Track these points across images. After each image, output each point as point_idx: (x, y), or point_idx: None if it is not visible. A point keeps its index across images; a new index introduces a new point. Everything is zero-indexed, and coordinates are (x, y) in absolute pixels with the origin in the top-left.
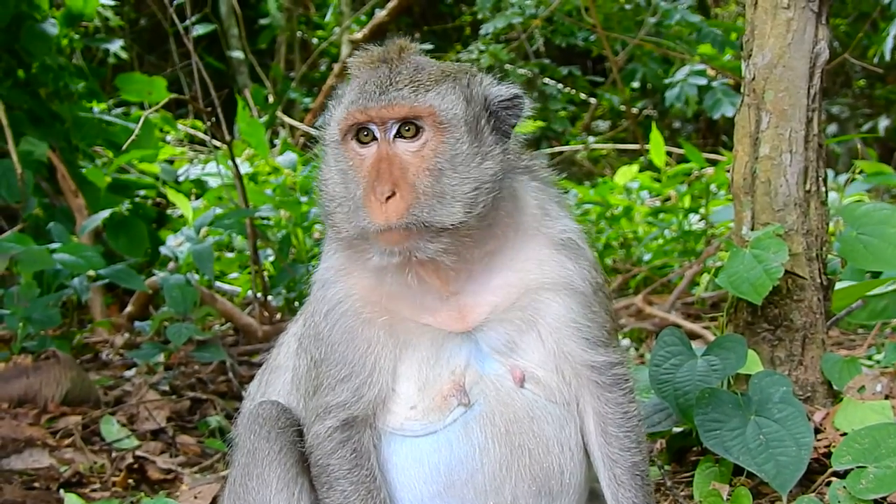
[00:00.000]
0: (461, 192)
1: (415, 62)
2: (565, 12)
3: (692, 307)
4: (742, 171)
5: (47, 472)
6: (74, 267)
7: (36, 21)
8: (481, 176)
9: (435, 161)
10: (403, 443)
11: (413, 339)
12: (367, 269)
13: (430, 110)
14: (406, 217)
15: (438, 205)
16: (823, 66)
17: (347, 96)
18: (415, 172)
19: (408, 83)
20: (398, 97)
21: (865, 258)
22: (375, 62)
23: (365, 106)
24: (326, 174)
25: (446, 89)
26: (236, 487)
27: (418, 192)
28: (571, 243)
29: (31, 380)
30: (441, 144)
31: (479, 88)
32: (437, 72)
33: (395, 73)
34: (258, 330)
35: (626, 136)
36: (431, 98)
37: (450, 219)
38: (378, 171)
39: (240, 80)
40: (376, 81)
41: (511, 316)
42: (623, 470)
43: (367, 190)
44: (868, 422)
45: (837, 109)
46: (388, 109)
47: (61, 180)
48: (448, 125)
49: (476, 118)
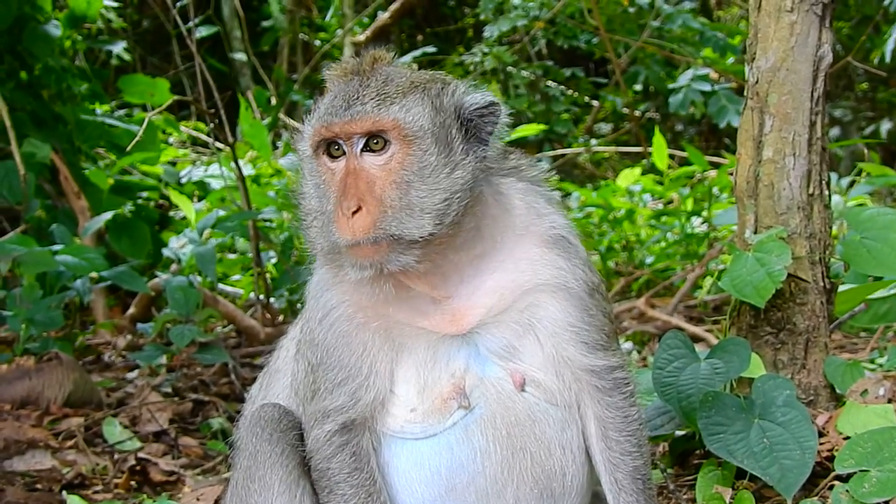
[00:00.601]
0: (430, 204)
1: (385, 74)
2: (568, 15)
3: (695, 310)
4: (745, 175)
5: (49, 474)
6: (77, 269)
7: (39, 23)
8: (451, 186)
9: (402, 174)
10: (404, 446)
11: (409, 342)
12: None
13: (394, 123)
14: (373, 232)
15: (407, 217)
16: (827, 70)
17: (317, 111)
18: (382, 186)
19: (373, 97)
20: (361, 112)
21: (868, 262)
22: (348, 74)
23: (329, 121)
24: (303, 188)
25: (412, 101)
26: (238, 490)
27: (385, 205)
28: (562, 240)
29: (33, 381)
30: (408, 157)
31: (451, 98)
32: (405, 83)
33: (363, 86)
34: (260, 332)
35: (628, 139)
36: (395, 111)
37: (419, 231)
38: (345, 185)
39: (242, 82)
40: (343, 96)
41: (507, 319)
42: (624, 474)
43: (335, 205)
44: (871, 425)
45: (840, 113)
46: (351, 124)
47: (64, 182)
48: (414, 137)
49: (445, 128)
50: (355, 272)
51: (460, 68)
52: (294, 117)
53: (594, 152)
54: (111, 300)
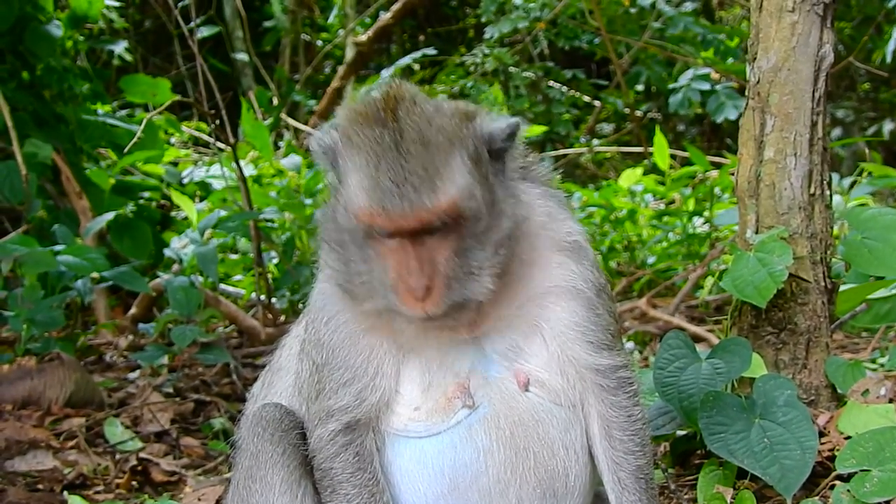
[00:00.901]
0: (487, 262)
1: (415, 128)
2: (569, 15)
3: (696, 310)
4: (746, 175)
5: (51, 474)
6: (78, 269)
7: (40, 23)
8: (499, 237)
9: (460, 244)
10: (407, 444)
11: (417, 345)
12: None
13: (447, 210)
14: (442, 306)
15: (468, 282)
16: (828, 70)
17: (358, 190)
18: (443, 261)
19: (419, 180)
20: (417, 204)
21: (870, 262)
22: (371, 123)
23: (387, 214)
24: (338, 238)
25: (458, 170)
26: (240, 490)
27: (449, 279)
28: (576, 245)
29: (34, 382)
30: (464, 228)
31: (481, 138)
32: (443, 143)
33: (404, 156)
34: (262, 332)
35: (630, 139)
36: (451, 192)
37: (482, 293)
38: (408, 268)
39: (244, 82)
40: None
41: (516, 321)
42: (627, 473)
43: (399, 285)
44: (872, 425)
45: (842, 113)
46: (409, 220)
47: (65, 182)
48: (469, 209)
49: (485, 177)
50: (406, 323)
51: (461, 69)
52: (296, 117)
53: (596, 152)
54: (113, 300)
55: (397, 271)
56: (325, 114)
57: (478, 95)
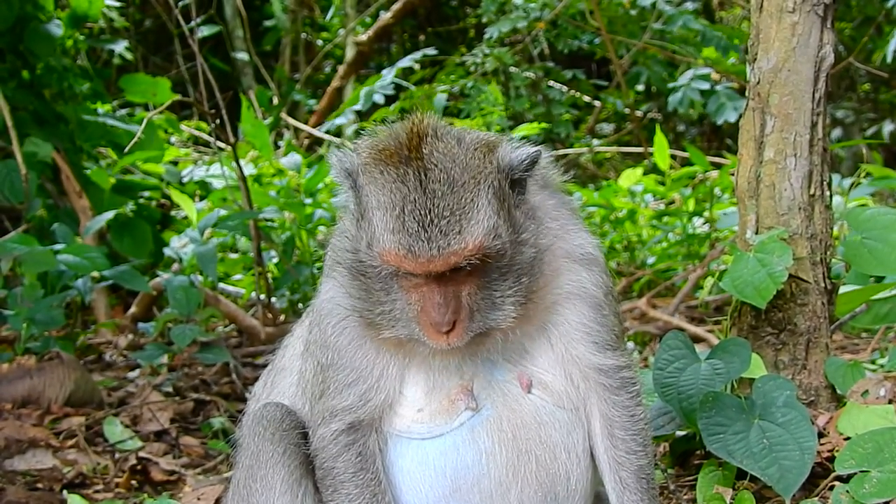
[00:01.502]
0: (510, 293)
1: (440, 167)
2: (570, 16)
3: (696, 311)
4: (746, 175)
5: (50, 473)
6: (78, 268)
7: (41, 22)
8: (521, 268)
9: (483, 280)
10: (409, 445)
11: (422, 348)
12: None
13: (474, 251)
14: (465, 337)
15: (491, 313)
16: (828, 71)
17: (383, 232)
18: (467, 296)
19: (446, 225)
20: (446, 249)
21: (869, 263)
22: (395, 161)
23: (414, 259)
24: (359, 267)
25: (485, 211)
26: (240, 489)
27: (473, 311)
28: (589, 257)
29: (34, 381)
30: (488, 265)
31: (503, 169)
32: (469, 183)
33: (430, 199)
34: (261, 332)
35: (630, 139)
36: (477, 234)
37: (505, 322)
38: (433, 303)
39: (244, 81)
40: (414, 217)
41: (524, 326)
42: (629, 473)
43: (424, 319)
44: (871, 426)
45: (842, 114)
46: (437, 263)
47: (65, 181)
48: (494, 248)
49: (508, 212)
50: (429, 351)
51: (461, 69)
52: (296, 117)
53: (596, 153)
54: (112, 299)
55: (422, 307)
56: (325, 113)
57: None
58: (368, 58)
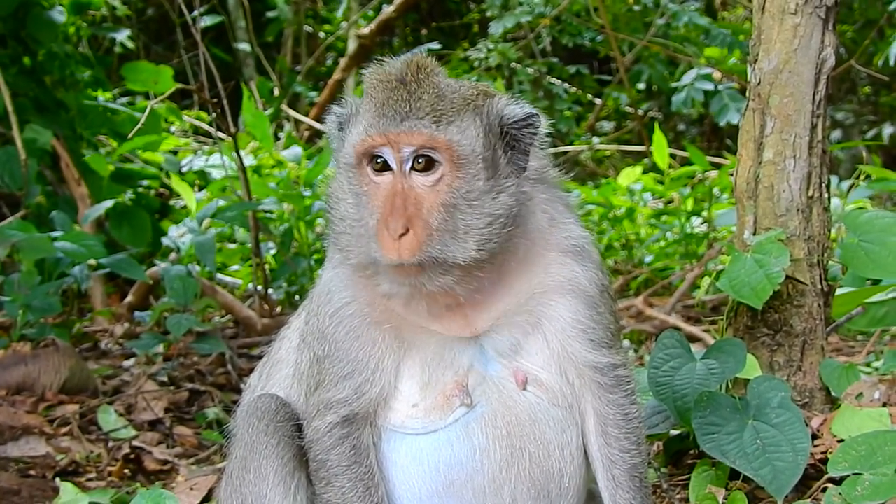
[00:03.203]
0: (475, 228)
1: (435, 86)
2: (574, 12)
3: (692, 310)
4: (745, 176)
5: (43, 461)
6: (76, 255)
7: (43, 8)
8: (496, 211)
9: (449, 197)
10: (404, 440)
11: (418, 341)
12: (371, 281)
13: (448, 144)
14: (418, 255)
15: (451, 241)
16: (829, 73)
17: (364, 117)
18: (429, 208)
19: (429, 111)
20: (417, 125)
21: (866, 265)
22: (392, 82)
23: (385, 130)
24: (338, 193)
25: (467, 122)
26: (233, 480)
27: (431, 228)
28: (579, 249)
29: (29, 367)
30: (457, 180)
31: (496, 113)
32: (458, 100)
33: (415, 97)
34: (258, 323)
35: (630, 138)
36: (452, 132)
37: (462, 255)
38: (392, 205)
39: (246, 72)
40: (395, 106)
41: (517, 319)
42: (622, 471)
43: (380, 224)
44: (865, 429)
45: (842, 116)
46: (406, 136)
47: (65, 169)
48: (465, 161)
49: (493, 150)
50: (392, 287)
51: (465, 64)
52: (297, 109)
53: (596, 150)
54: (109, 288)
55: (381, 209)
56: (326, 106)
57: None
58: (370, 51)
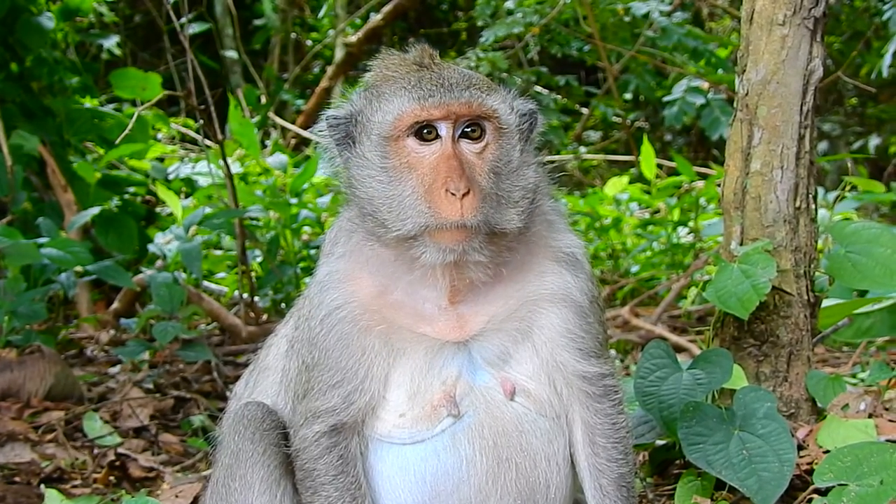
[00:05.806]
0: (514, 198)
1: (454, 69)
2: (562, 21)
3: (679, 320)
4: (732, 186)
5: (28, 467)
6: (62, 262)
7: (32, 14)
8: (527, 185)
9: (494, 164)
10: (390, 450)
11: (408, 347)
12: (372, 275)
13: (495, 112)
14: (478, 215)
15: (501, 207)
16: (817, 84)
17: (396, 97)
18: (479, 171)
19: (474, 83)
20: (470, 96)
21: (853, 276)
22: (412, 66)
23: (442, 100)
24: (366, 173)
25: (503, 96)
26: (219, 488)
27: (485, 192)
28: (573, 258)
29: (14, 374)
30: (500, 149)
31: (512, 97)
32: (485, 83)
33: (448, 73)
34: (244, 330)
35: (617, 148)
36: (497, 102)
37: (509, 224)
38: (449, 167)
39: (233, 79)
40: (437, 81)
41: (507, 326)
42: (609, 481)
43: (439, 186)
44: (851, 440)
45: (829, 127)
46: (465, 105)
47: (51, 175)
48: (507, 130)
49: (517, 127)
50: (435, 256)
51: None
52: (283, 116)
53: (583, 160)
54: (95, 294)
55: (438, 175)
56: (313, 113)
57: None
58: (358, 59)
